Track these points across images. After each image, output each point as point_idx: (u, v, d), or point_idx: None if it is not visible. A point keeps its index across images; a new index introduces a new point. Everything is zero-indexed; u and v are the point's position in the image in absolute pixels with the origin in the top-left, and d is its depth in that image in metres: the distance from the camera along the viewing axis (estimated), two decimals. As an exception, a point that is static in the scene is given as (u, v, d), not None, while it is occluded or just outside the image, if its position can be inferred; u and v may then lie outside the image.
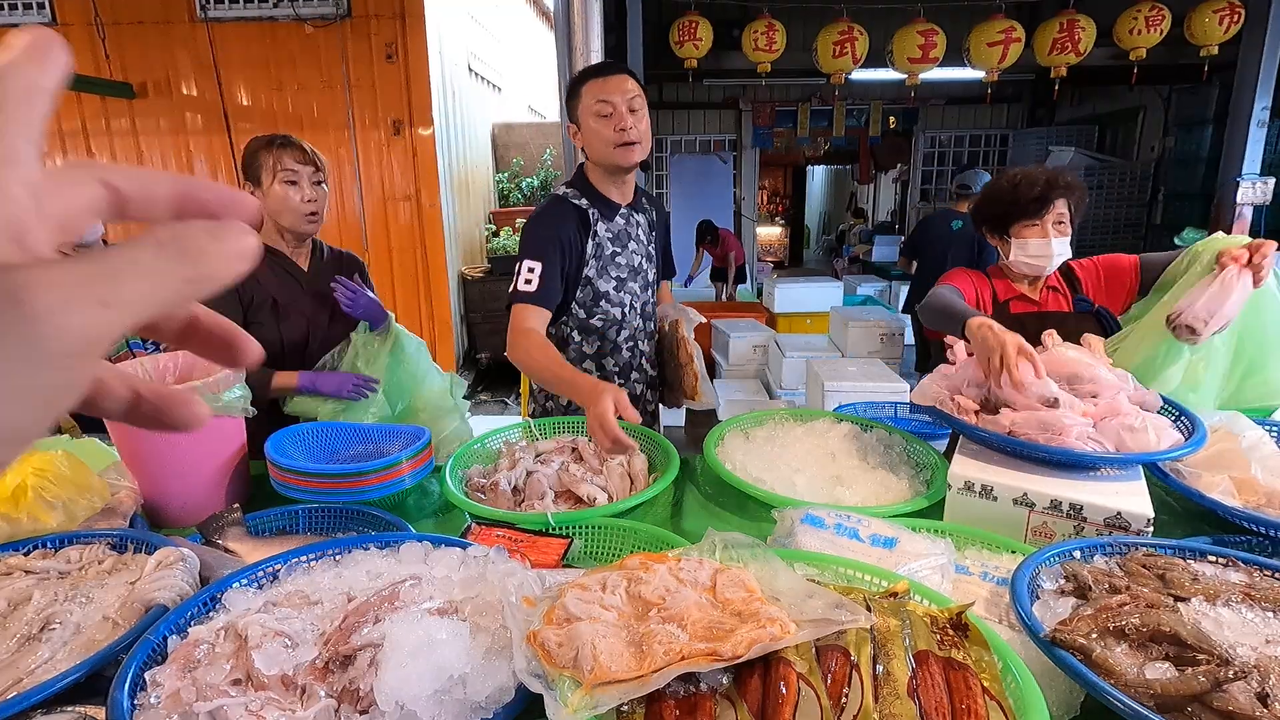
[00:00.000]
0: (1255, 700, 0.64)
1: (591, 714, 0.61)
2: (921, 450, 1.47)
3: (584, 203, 1.74)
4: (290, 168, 1.73)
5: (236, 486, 1.40)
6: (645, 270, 1.86)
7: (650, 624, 0.70)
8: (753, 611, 0.70)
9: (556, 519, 1.19)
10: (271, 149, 1.73)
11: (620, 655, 0.65)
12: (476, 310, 6.03)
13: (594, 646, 0.65)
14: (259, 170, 1.74)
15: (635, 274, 1.82)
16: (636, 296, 1.83)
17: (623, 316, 1.81)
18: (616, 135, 1.63)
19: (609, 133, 1.64)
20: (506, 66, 7.93)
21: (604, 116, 1.64)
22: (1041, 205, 1.65)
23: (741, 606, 0.72)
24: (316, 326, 1.84)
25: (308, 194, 1.76)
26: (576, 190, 1.76)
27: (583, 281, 1.76)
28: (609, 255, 1.77)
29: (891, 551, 0.98)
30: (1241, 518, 1.11)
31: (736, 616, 0.70)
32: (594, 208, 1.74)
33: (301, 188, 1.75)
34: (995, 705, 0.64)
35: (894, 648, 0.69)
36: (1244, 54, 4.95)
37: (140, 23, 5.08)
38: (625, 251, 1.79)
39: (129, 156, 5.39)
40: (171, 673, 0.74)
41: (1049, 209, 1.65)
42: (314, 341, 1.83)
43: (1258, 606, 0.80)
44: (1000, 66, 5.06)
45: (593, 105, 1.64)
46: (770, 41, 5.10)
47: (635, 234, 1.82)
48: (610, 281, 1.78)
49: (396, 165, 5.39)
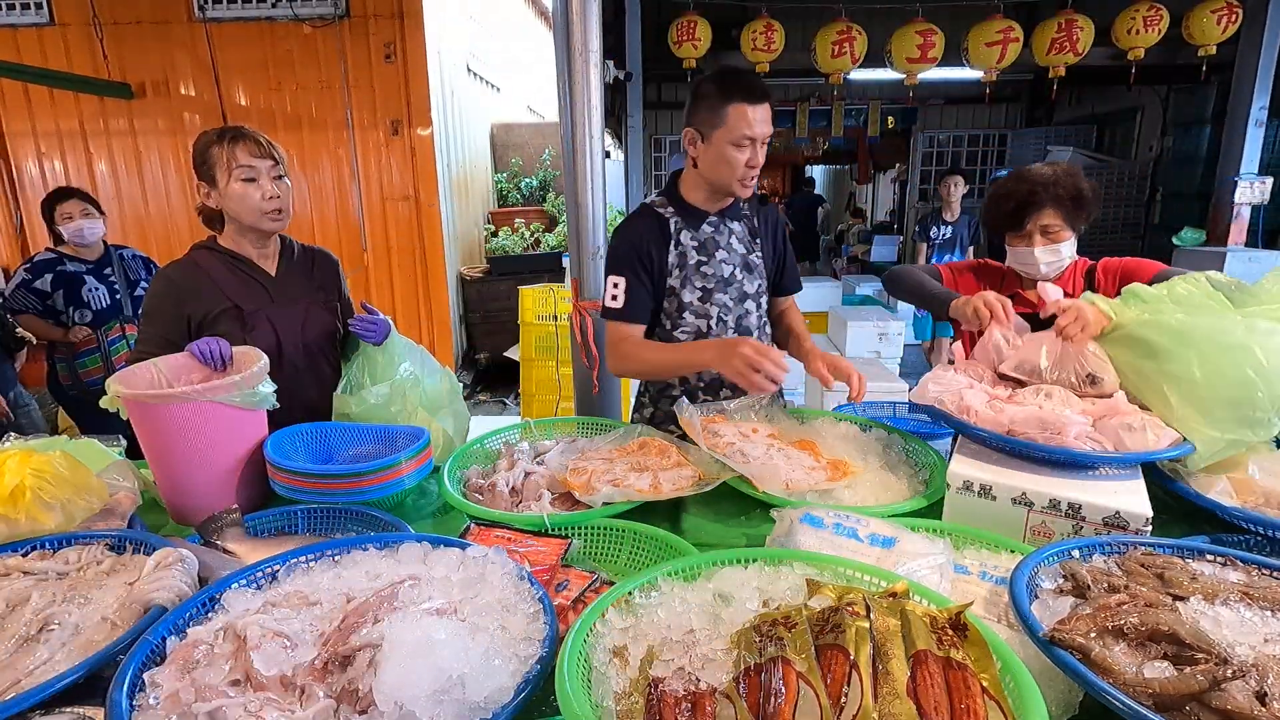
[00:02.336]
0: (1253, 699, 0.64)
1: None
2: (920, 450, 1.47)
3: (669, 211, 1.69)
4: (246, 163, 1.58)
5: (258, 480, 1.40)
6: (739, 281, 1.73)
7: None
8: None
9: (553, 520, 1.19)
10: (223, 144, 1.58)
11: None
12: (475, 310, 6.03)
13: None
14: (212, 169, 1.60)
15: (725, 285, 1.71)
16: (727, 309, 1.71)
17: (709, 329, 1.70)
18: (746, 171, 1.58)
19: (740, 166, 1.57)
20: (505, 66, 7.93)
21: (741, 148, 1.56)
22: (1020, 218, 1.64)
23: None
24: (288, 334, 1.70)
25: (269, 190, 1.61)
26: (665, 199, 1.72)
27: (668, 292, 1.70)
28: (693, 265, 1.69)
29: (890, 551, 0.98)
30: (1240, 517, 1.11)
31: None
32: (678, 216, 1.69)
33: (261, 184, 1.60)
34: (994, 705, 0.64)
35: (893, 647, 0.69)
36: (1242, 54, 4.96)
37: (138, 23, 5.08)
38: (713, 261, 1.70)
39: (127, 157, 5.39)
40: (170, 673, 0.74)
41: (1030, 220, 1.64)
42: (287, 350, 1.70)
43: (1256, 605, 0.80)
44: (999, 66, 5.07)
45: (734, 132, 1.55)
46: (769, 41, 5.11)
47: (726, 242, 1.72)
48: (695, 292, 1.69)
49: (395, 165, 5.39)
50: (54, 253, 3.05)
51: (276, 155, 1.64)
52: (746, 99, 1.53)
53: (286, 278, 1.75)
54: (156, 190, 5.46)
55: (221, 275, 1.66)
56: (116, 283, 3.12)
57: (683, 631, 0.78)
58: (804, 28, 5.54)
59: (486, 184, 6.98)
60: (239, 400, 1.34)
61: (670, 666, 0.72)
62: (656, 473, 1.34)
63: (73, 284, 3.01)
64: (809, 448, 1.45)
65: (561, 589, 1.00)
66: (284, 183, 1.66)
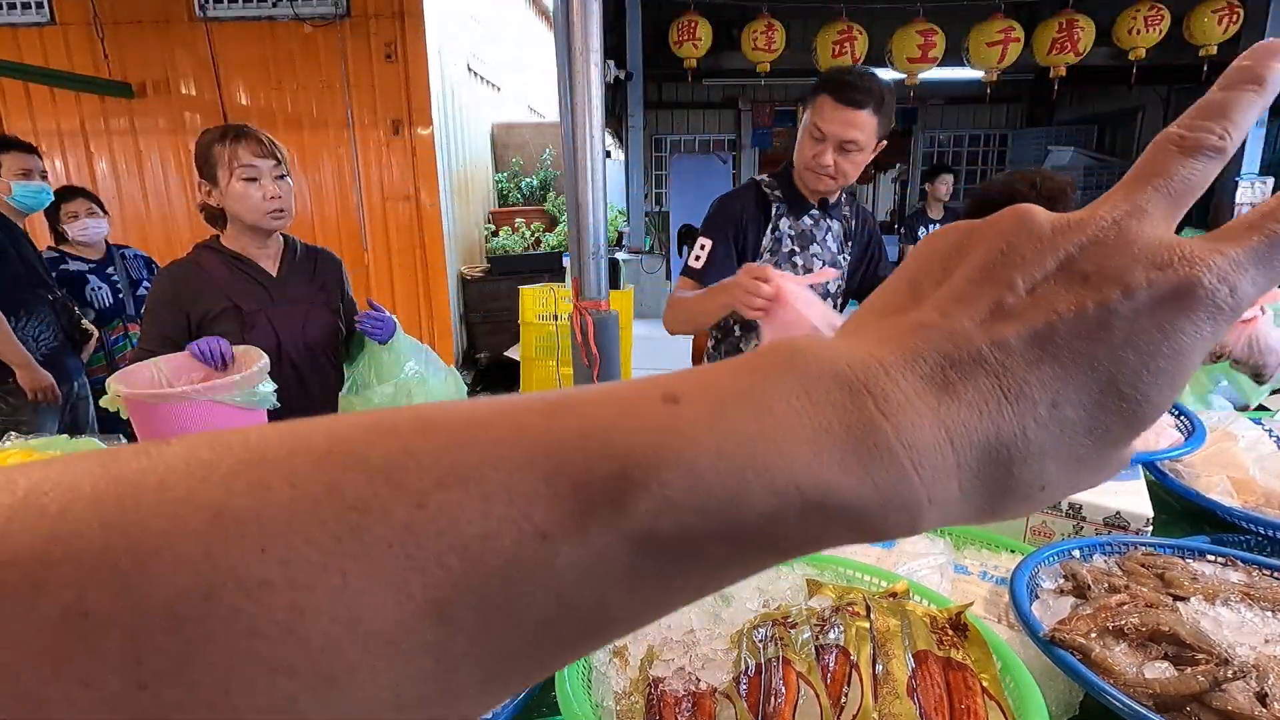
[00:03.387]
0: (1254, 700, 0.64)
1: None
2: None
3: (776, 194, 1.70)
4: (248, 163, 1.58)
5: None
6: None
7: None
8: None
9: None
10: (225, 143, 1.58)
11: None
12: (476, 310, 6.02)
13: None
14: (214, 167, 1.60)
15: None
16: None
17: None
18: (813, 162, 1.58)
19: (806, 155, 1.59)
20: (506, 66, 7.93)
21: (813, 139, 1.57)
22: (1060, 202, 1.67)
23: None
24: (289, 335, 1.70)
25: (270, 190, 1.61)
26: (774, 181, 1.72)
27: None
28: (785, 253, 1.70)
29: (890, 551, 0.99)
30: (1240, 518, 1.11)
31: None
32: (784, 201, 1.70)
33: (263, 184, 1.60)
34: (994, 705, 0.64)
35: (893, 647, 0.69)
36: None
37: (139, 22, 5.08)
38: (804, 253, 1.71)
39: (128, 156, 5.39)
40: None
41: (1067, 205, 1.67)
42: (287, 350, 1.70)
43: (1257, 606, 0.80)
44: (999, 66, 5.07)
45: (811, 119, 1.57)
46: (769, 41, 5.10)
47: (822, 238, 1.73)
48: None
49: (396, 165, 5.39)
50: (56, 251, 3.05)
51: (279, 154, 1.63)
52: (833, 93, 1.54)
53: (288, 278, 1.74)
54: (157, 190, 5.46)
55: (222, 275, 1.66)
56: (119, 282, 3.13)
57: (683, 631, 0.78)
58: (805, 28, 5.54)
59: (487, 184, 6.98)
60: (239, 400, 1.34)
61: (670, 666, 0.72)
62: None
63: (76, 283, 3.02)
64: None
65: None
66: (286, 182, 1.65)
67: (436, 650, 0.16)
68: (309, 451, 0.17)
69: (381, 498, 0.16)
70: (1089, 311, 0.19)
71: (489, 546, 0.16)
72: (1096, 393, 0.19)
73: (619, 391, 0.19)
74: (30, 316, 2.64)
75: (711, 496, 0.17)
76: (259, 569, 0.15)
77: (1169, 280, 0.19)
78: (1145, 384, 0.19)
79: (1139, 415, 0.20)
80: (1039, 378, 0.19)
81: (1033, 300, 0.20)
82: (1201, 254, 0.20)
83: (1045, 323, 0.19)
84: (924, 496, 0.18)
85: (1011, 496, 0.20)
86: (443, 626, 0.16)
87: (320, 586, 0.15)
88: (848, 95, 1.53)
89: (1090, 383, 0.19)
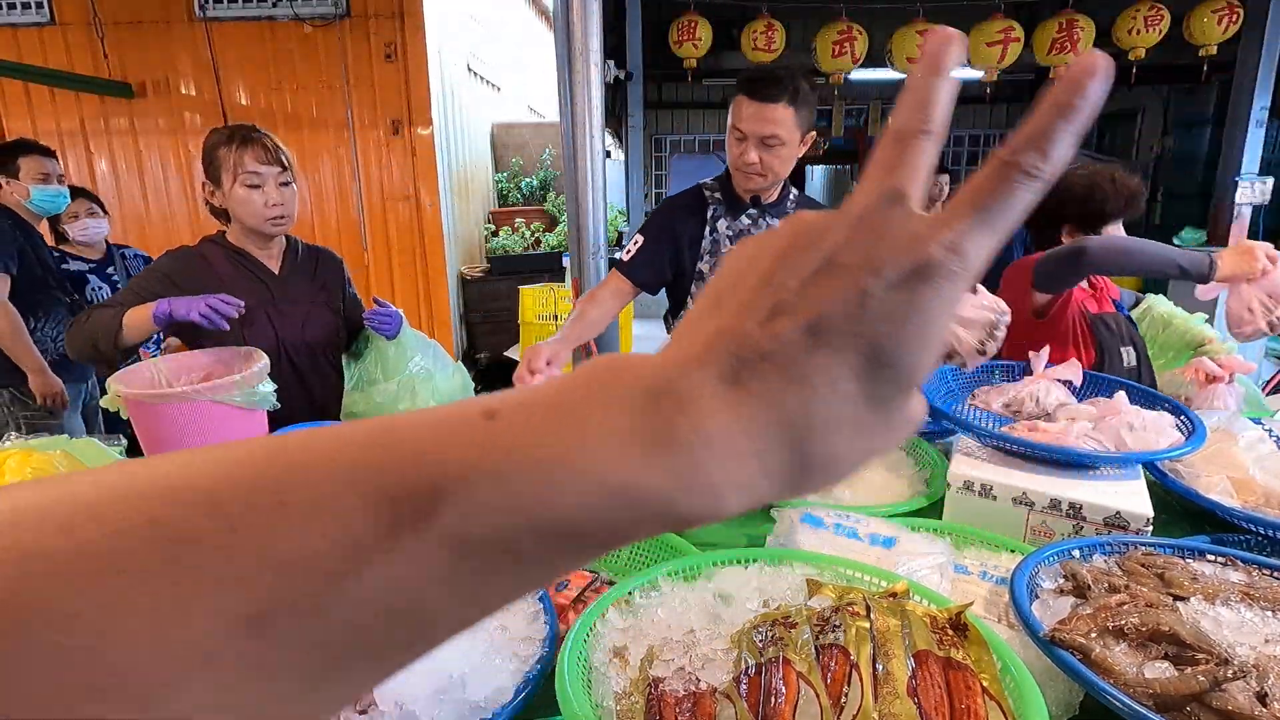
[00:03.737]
0: (1254, 700, 0.64)
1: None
2: (921, 449, 1.47)
3: (716, 195, 1.73)
4: (252, 169, 1.57)
5: None
6: None
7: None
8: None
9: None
10: (231, 147, 1.57)
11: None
12: (476, 310, 6.02)
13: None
14: (219, 170, 1.59)
15: None
16: None
17: None
18: (740, 161, 1.61)
19: (733, 155, 1.62)
20: (506, 66, 7.93)
21: (735, 139, 1.60)
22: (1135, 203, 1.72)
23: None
24: (288, 333, 1.70)
25: (273, 198, 1.60)
26: (717, 183, 1.75)
27: (696, 275, 1.74)
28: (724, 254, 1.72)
29: (890, 551, 0.98)
30: (1240, 518, 1.11)
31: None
32: (721, 203, 1.72)
33: (266, 191, 1.59)
34: (994, 705, 0.64)
35: (893, 647, 0.69)
36: (1243, 54, 4.95)
37: (139, 22, 5.07)
38: None
39: (128, 156, 5.39)
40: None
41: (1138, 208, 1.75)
42: (287, 349, 1.69)
43: (1257, 606, 0.80)
44: (999, 66, 5.07)
45: (730, 123, 1.60)
46: (769, 41, 5.10)
47: None
48: None
49: (395, 165, 5.38)
50: (57, 251, 3.05)
51: (285, 160, 1.63)
52: (748, 91, 1.56)
53: (290, 277, 1.75)
54: (157, 190, 5.46)
55: (225, 269, 1.66)
56: (119, 282, 3.13)
57: (683, 631, 0.78)
58: (805, 28, 5.53)
59: (487, 184, 6.98)
60: (239, 400, 1.34)
61: (670, 666, 0.72)
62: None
63: (76, 283, 3.02)
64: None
65: (561, 589, 1.00)
66: (290, 189, 1.65)
67: (255, 660, 0.18)
68: (149, 488, 0.19)
69: (198, 526, 0.18)
70: (849, 298, 0.22)
71: (306, 562, 0.18)
72: (867, 365, 0.22)
73: (443, 413, 0.21)
74: (47, 318, 2.65)
75: (522, 498, 0.19)
76: (67, 603, 0.16)
77: (909, 259, 0.22)
78: (905, 350, 0.22)
79: (906, 377, 0.23)
80: (816, 363, 0.22)
81: (803, 296, 0.22)
82: (931, 232, 0.22)
83: (815, 314, 0.22)
84: (721, 480, 0.21)
85: (812, 470, 0.22)
86: (261, 638, 0.18)
87: (130, 614, 0.17)
88: (761, 91, 1.55)
89: (860, 358, 0.22)
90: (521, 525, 0.20)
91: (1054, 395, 1.38)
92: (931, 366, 0.23)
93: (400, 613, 0.19)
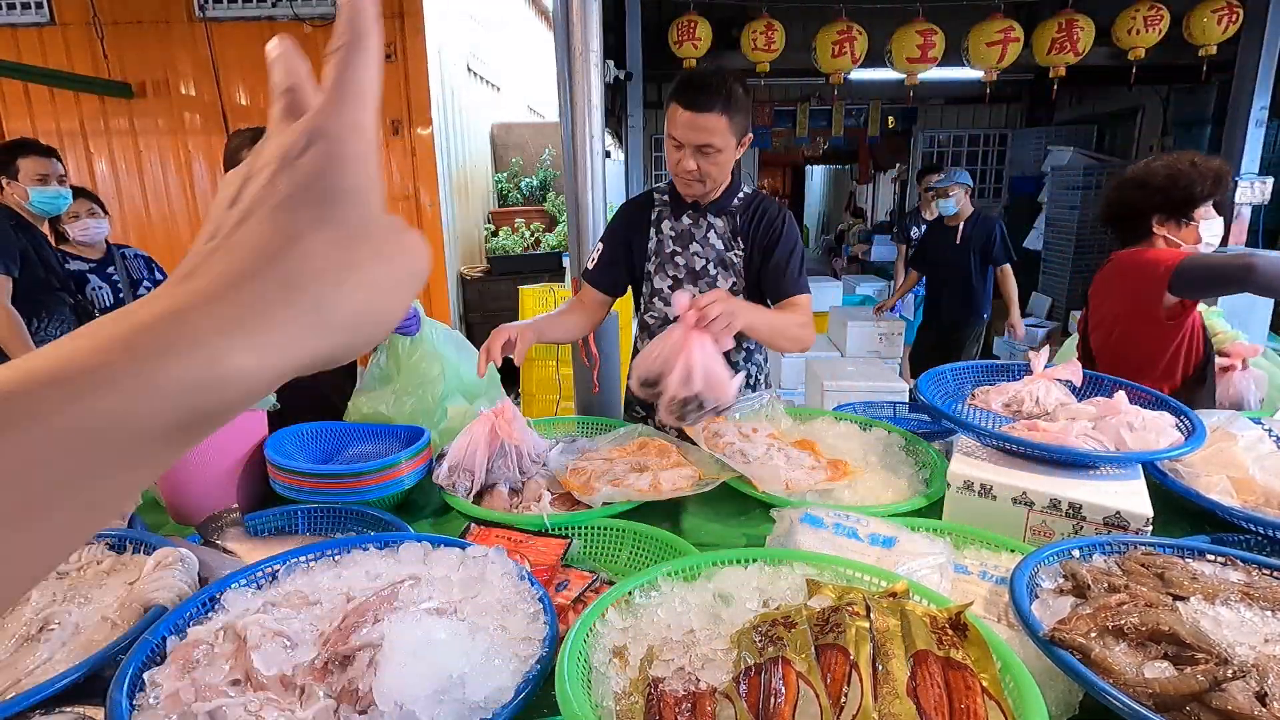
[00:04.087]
0: (1254, 699, 0.64)
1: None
2: (921, 449, 1.47)
3: (664, 198, 1.76)
4: None
5: (258, 480, 1.40)
6: (714, 276, 1.75)
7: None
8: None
9: (553, 520, 1.19)
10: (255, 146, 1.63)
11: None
12: (475, 310, 6.02)
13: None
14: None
15: (697, 277, 1.76)
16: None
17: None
18: (679, 169, 1.63)
19: (672, 164, 1.65)
20: (506, 66, 7.92)
21: (673, 147, 1.62)
22: (1223, 182, 1.75)
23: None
24: None
25: None
26: (667, 186, 1.78)
27: (645, 276, 1.79)
28: (668, 253, 1.77)
29: (890, 551, 0.98)
30: (1240, 518, 1.11)
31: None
32: (665, 206, 1.76)
33: None
34: (994, 705, 0.64)
35: (893, 647, 0.69)
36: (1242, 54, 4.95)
37: (139, 22, 5.07)
38: (686, 252, 1.75)
39: (128, 156, 5.39)
40: (170, 673, 0.74)
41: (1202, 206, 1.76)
42: None
43: (1256, 606, 0.80)
44: (999, 66, 5.07)
45: (666, 131, 1.62)
46: (769, 41, 5.10)
47: (703, 236, 1.74)
48: (666, 280, 1.78)
49: (395, 165, 5.39)
50: (58, 251, 3.05)
51: None
52: (680, 100, 1.56)
53: None
54: (157, 190, 5.46)
55: None
56: (119, 282, 3.13)
57: (683, 631, 0.78)
58: (804, 28, 5.53)
59: (486, 184, 6.97)
60: (239, 400, 1.34)
61: (670, 666, 0.72)
62: (656, 472, 1.34)
63: (76, 283, 3.02)
64: (809, 447, 1.46)
65: (561, 589, 1.00)
66: None
67: None
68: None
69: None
70: (257, 195, 0.30)
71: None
72: (310, 215, 0.30)
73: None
74: (50, 318, 2.65)
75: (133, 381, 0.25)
76: None
77: (301, 139, 0.31)
78: (335, 180, 0.30)
79: (353, 199, 0.31)
80: (242, 236, 0.29)
81: (240, 201, 0.31)
82: (305, 120, 0.31)
83: (246, 209, 0.30)
84: (211, 335, 0.26)
85: (336, 309, 0.29)
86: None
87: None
88: (694, 100, 1.54)
89: (299, 213, 0.30)
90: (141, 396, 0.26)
91: (1054, 395, 1.38)
92: (370, 185, 0.31)
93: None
